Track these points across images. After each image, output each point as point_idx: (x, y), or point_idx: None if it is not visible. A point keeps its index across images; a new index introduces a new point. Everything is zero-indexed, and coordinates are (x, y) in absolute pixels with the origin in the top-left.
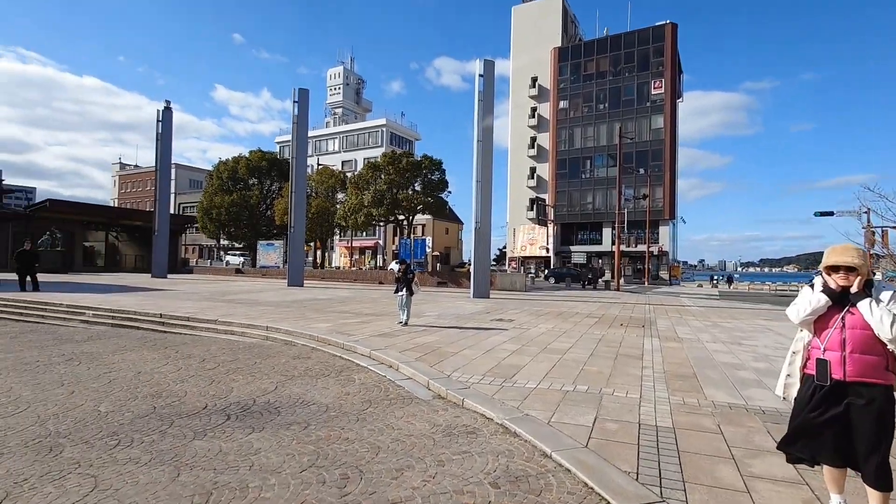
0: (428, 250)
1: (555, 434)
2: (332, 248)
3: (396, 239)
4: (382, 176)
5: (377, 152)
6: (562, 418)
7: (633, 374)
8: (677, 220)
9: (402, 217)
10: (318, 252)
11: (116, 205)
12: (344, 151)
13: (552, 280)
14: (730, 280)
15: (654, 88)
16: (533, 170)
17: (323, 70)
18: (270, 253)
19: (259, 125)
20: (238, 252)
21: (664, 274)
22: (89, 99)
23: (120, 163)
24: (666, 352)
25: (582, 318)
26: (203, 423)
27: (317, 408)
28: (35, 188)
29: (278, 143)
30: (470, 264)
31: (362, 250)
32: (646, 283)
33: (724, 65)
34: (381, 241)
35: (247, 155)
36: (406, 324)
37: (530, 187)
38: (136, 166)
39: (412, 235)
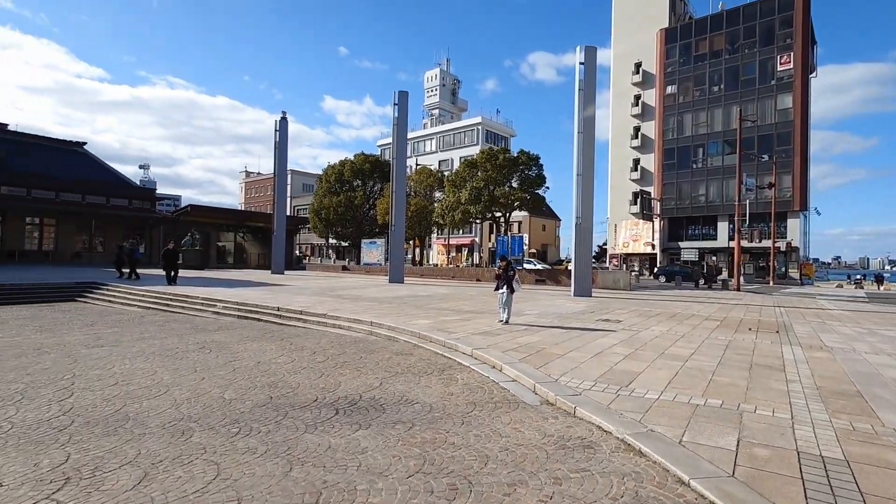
0: (525, 247)
1: (690, 457)
2: (429, 245)
3: (493, 236)
4: (479, 173)
5: (473, 150)
6: (696, 438)
7: (776, 389)
8: (809, 211)
9: (498, 214)
10: (417, 250)
11: (243, 208)
12: (441, 151)
13: (660, 278)
14: (879, 279)
15: (781, 64)
16: (636, 161)
17: (420, 74)
18: (373, 251)
19: (362, 131)
20: (336, 249)
21: (793, 272)
22: (221, 116)
23: (245, 171)
24: (813, 363)
25: (700, 321)
26: (314, 417)
27: (420, 407)
28: (181, 196)
29: (380, 146)
30: (569, 261)
31: (459, 248)
32: (770, 282)
33: (868, 31)
34: (477, 239)
35: (351, 158)
36: (507, 322)
37: (633, 180)
38: (258, 174)
39: (509, 232)
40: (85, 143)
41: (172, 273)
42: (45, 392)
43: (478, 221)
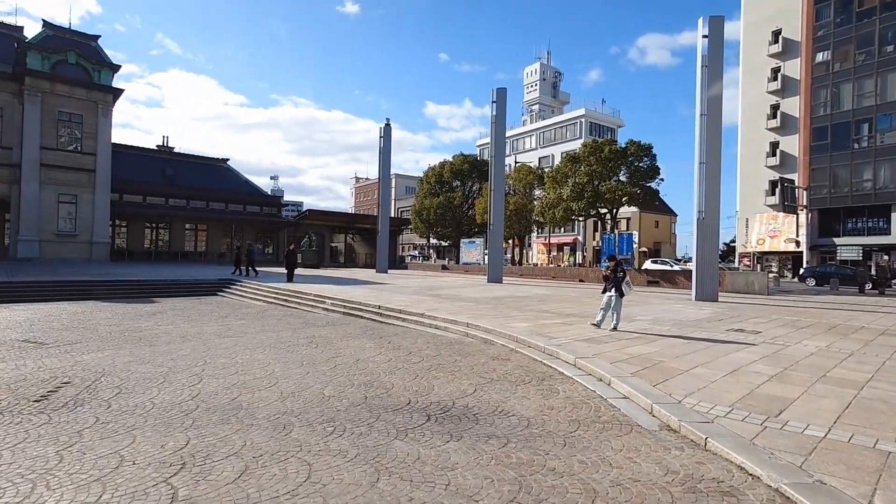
0: (635, 246)
1: None
2: (529, 244)
3: (597, 234)
4: (582, 168)
5: (575, 145)
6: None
7: None
8: None
9: (604, 210)
10: (517, 249)
11: (353, 212)
12: (540, 148)
13: (808, 281)
14: None
15: None
16: (774, 145)
17: (518, 72)
18: (472, 250)
19: (462, 133)
20: (433, 249)
21: None
22: (335, 128)
23: (355, 177)
24: None
25: (874, 336)
26: (405, 422)
27: (517, 420)
28: (303, 202)
29: (478, 146)
30: (681, 261)
31: (560, 247)
32: None
33: None
34: (579, 237)
35: (450, 160)
36: (615, 328)
37: (770, 167)
38: (366, 179)
39: (616, 230)
40: (228, 160)
41: (292, 271)
42: (181, 377)
43: (580, 219)
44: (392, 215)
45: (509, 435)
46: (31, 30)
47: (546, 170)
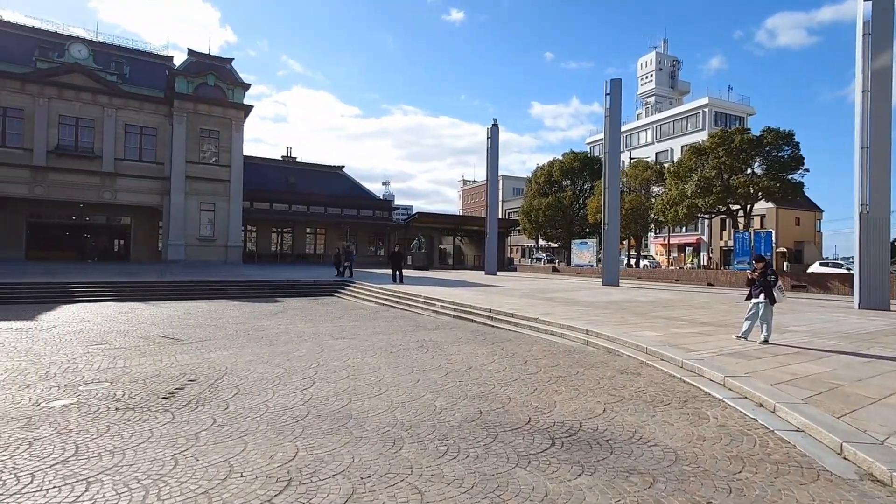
0: (773, 245)
1: None
2: (646, 245)
3: (724, 234)
4: (709, 160)
5: (698, 137)
6: None
7: None
8: None
9: (735, 207)
10: (633, 250)
11: (461, 214)
12: (657, 142)
13: None
14: None
15: None
16: None
17: (629, 65)
18: (584, 251)
19: (569, 132)
20: (544, 251)
21: None
22: (443, 133)
23: (462, 179)
24: None
25: None
26: (526, 445)
27: (661, 453)
28: (412, 205)
29: (588, 143)
30: (827, 262)
31: (682, 247)
32: None
33: None
34: (704, 237)
35: (560, 158)
36: (766, 341)
37: None
38: (473, 181)
39: (751, 228)
40: (343, 167)
41: (397, 273)
42: (295, 379)
43: (706, 217)
44: (500, 217)
45: (654, 472)
46: (179, 59)
47: (666, 165)
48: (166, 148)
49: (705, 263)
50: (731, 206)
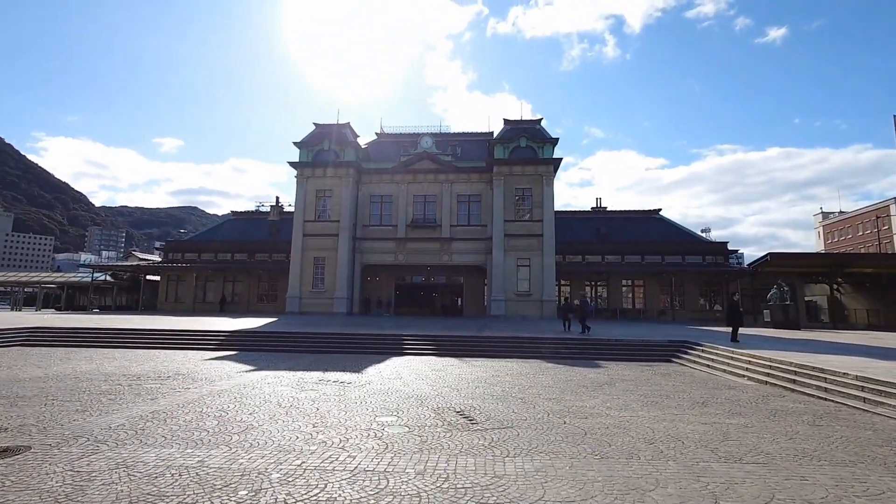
0: None
1: None
2: None
3: None
4: None
5: None
6: None
7: None
8: None
9: None
10: None
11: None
12: None
13: None
14: None
15: None
16: None
17: None
18: None
19: None
20: None
21: None
22: (773, 167)
23: (821, 212)
24: None
25: None
26: None
27: None
28: (742, 251)
29: None
30: None
31: None
32: None
33: None
34: None
35: None
36: None
37: None
38: (839, 213)
39: None
40: (660, 210)
41: (734, 329)
42: None
43: None
44: None
45: None
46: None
47: None
48: (488, 211)
49: None
50: None
